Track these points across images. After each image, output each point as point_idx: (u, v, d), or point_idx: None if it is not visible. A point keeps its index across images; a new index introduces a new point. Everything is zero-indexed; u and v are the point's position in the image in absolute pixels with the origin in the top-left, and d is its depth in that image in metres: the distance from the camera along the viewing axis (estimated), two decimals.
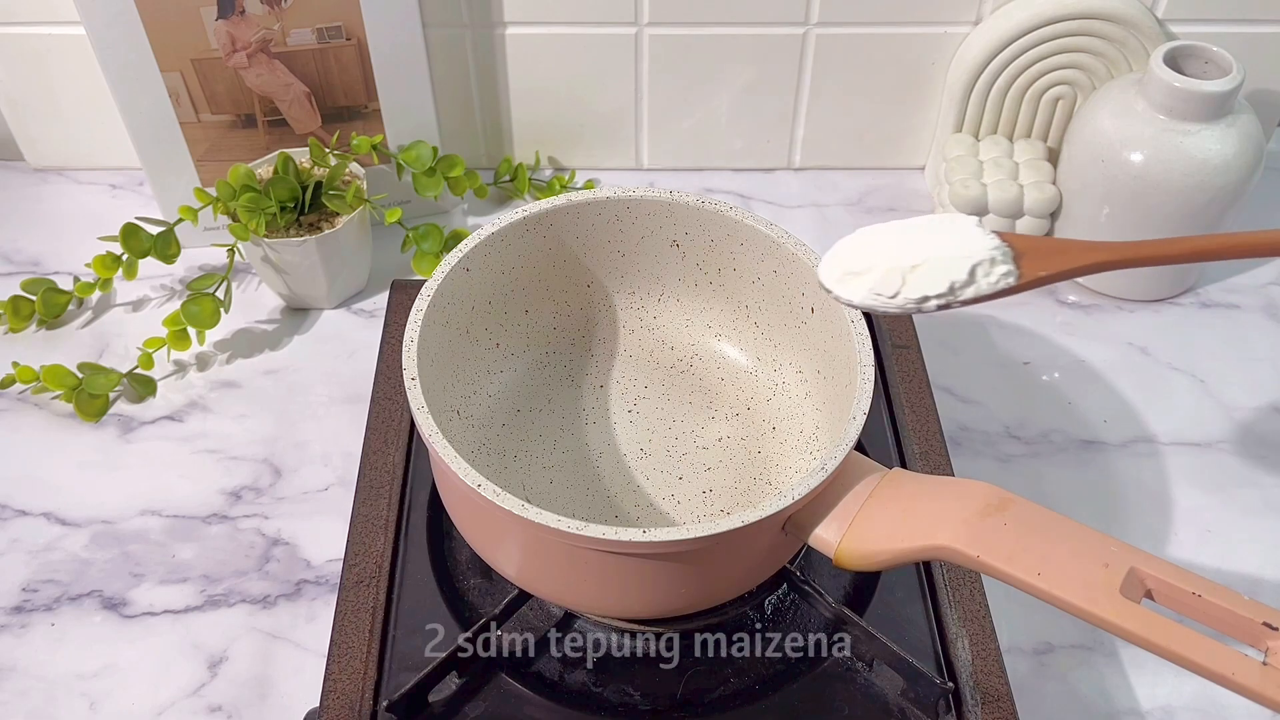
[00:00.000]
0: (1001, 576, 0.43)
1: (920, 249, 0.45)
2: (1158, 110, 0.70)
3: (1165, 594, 0.41)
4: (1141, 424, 0.70)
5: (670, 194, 0.58)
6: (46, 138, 0.85)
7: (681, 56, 0.81)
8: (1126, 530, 0.64)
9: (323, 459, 0.67)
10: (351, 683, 0.52)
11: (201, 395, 0.71)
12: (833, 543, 0.47)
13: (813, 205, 0.86)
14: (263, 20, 0.72)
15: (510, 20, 0.79)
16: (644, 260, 0.62)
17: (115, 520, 0.64)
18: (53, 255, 0.80)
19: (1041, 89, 0.80)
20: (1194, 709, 0.57)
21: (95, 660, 0.58)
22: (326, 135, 0.77)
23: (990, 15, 0.78)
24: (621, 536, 0.44)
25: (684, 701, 0.53)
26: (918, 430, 0.64)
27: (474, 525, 0.53)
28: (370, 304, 0.77)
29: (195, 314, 0.70)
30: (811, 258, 0.55)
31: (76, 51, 0.77)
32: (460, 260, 0.56)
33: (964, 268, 0.44)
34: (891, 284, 0.45)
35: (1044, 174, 0.79)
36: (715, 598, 0.53)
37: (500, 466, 0.60)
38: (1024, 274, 0.45)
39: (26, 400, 0.70)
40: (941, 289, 0.44)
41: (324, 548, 0.63)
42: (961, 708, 0.52)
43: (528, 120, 0.85)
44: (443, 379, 0.57)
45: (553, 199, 0.58)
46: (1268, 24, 0.78)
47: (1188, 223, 0.72)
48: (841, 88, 0.83)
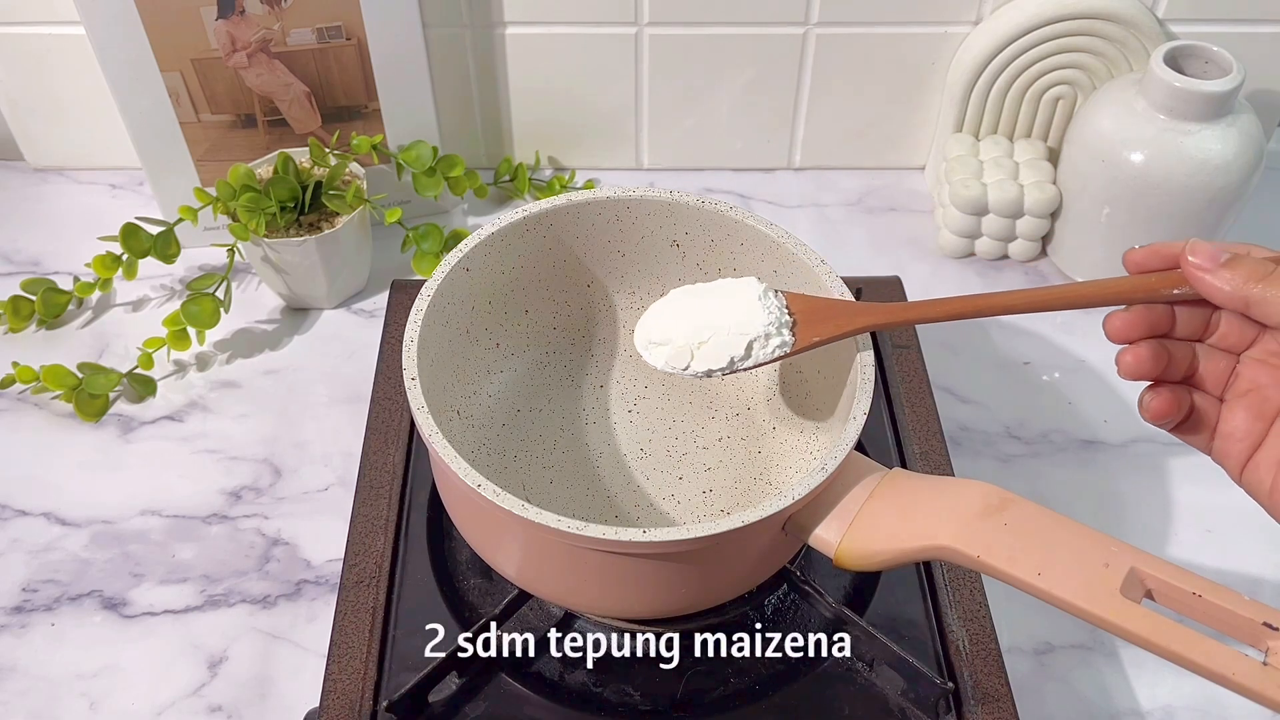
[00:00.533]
0: (1001, 576, 0.43)
1: (708, 323, 0.51)
2: (1158, 110, 0.70)
3: (1165, 594, 0.41)
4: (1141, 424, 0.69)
5: (670, 194, 0.58)
6: (46, 138, 0.85)
7: (681, 56, 0.81)
8: (1126, 530, 0.64)
9: (323, 459, 0.67)
10: (351, 683, 0.52)
11: (201, 395, 0.71)
12: (833, 543, 0.47)
13: (813, 205, 0.86)
14: (263, 20, 0.72)
15: (510, 20, 0.79)
16: (644, 260, 0.62)
17: (115, 520, 0.64)
18: (53, 255, 0.80)
19: (1042, 89, 0.80)
20: (1194, 709, 0.57)
21: (95, 660, 0.58)
22: (326, 135, 0.77)
23: (990, 15, 0.78)
24: (621, 536, 0.44)
25: (684, 701, 0.53)
26: (918, 430, 0.64)
27: (474, 525, 0.53)
28: (370, 304, 0.77)
29: (195, 314, 0.70)
30: (812, 258, 0.55)
31: (76, 51, 0.77)
32: (460, 260, 0.56)
33: (742, 344, 0.50)
34: (682, 359, 0.52)
35: (1044, 174, 0.79)
36: (715, 598, 0.53)
37: (500, 466, 0.60)
38: (799, 341, 0.51)
39: (26, 400, 0.70)
40: (723, 364, 0.51)
41: (324, 548, 0.63)
42: (961, 708, 0.52)
43: (528, 120, 0.85)
44: (443, 379, 0.57)
45: (553, 199, 0.58)
46: (1268, 24, 0.78)
47: (1188, 222, 0.72)
48: (841, 88, 0.83)
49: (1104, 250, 0.77)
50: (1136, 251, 0.45)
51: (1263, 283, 0.41)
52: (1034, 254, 0.81)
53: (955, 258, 0.82)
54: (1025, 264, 0.81)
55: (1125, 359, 0.45)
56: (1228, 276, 0.42)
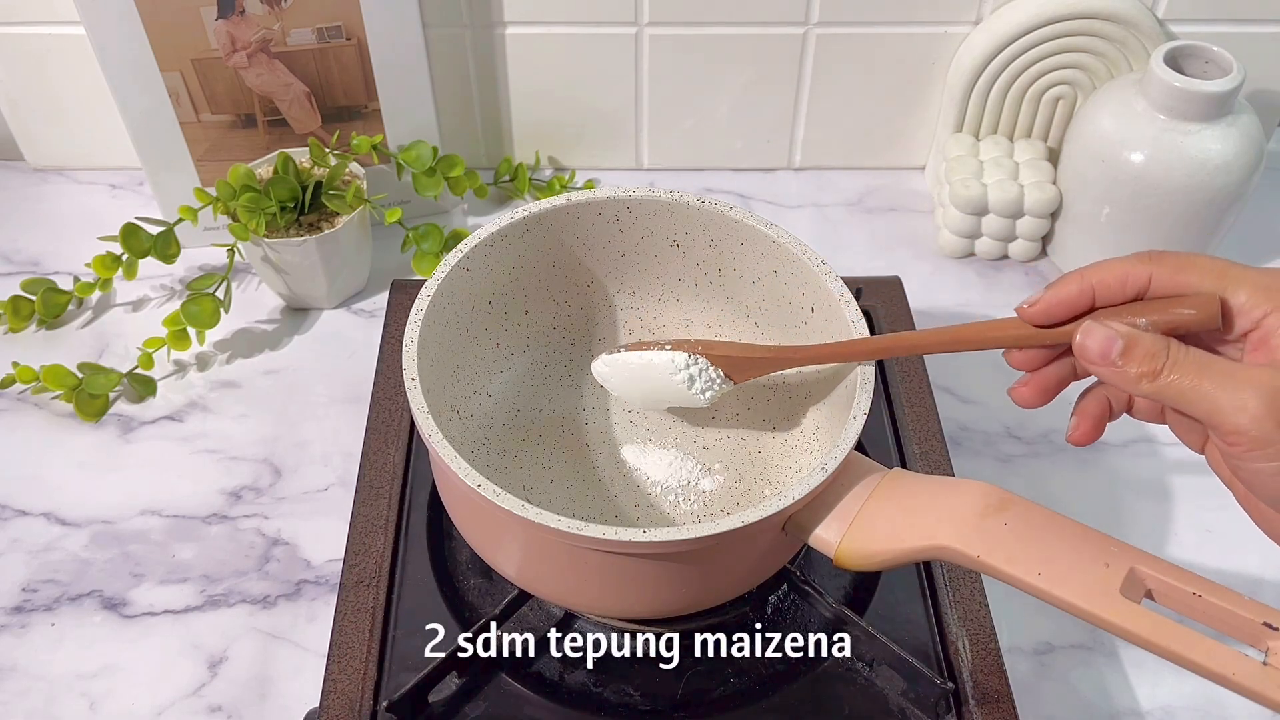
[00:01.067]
0: (1001, 576, 0.43)
1: (642, 385, 0.57)
2: (1158, 110, 0.70)
3: (1165, 594, 0.41)
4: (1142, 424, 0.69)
5: (670, 194, 0.58)
6: (46, 137, 0.85)
7: (681, 56, 0.81)
8: (1126, 530, 0.64)
9: (323, 459, 0.67)
10: (351, 683, 0.52)
11: (201, 395, 0.71)
12: (833, 543, 0.47)
13: (813, 205, 0.86)
14: (263, 20, 0.72)
15: (510, 20, 0.79)
16: (644, 260, 0.62)
17: (115, 520, 0.64)
18: (53, 255, 0.80)
19: (1042, 89, 0.80)
20: (1194, 709, 0.57)
21: (95, 660, 0.58)
22: (326, 135, 0.77)
23: (990, 15, 0.78)
24: (621, 536, 0.44)
25: (684, 701, 0.53)
26: (918, 430, 0.64)
27: (474, 525, 0.53)
28: (370, 304, 0.77)
29: (195, 314, 0.70)
30: (812, 258, 0.55)
31: (76, 51, 0.77)
32: (460, 260, 0.56)
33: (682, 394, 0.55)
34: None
35: (1044, 174, 0.79)
36: (715, 598, 0.53)
37: (500, 466, 0.60)
38: (735, 380, 0.55)
39: (26, 400, 0.70)
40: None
41: (324, 548, 0.63)
42: (961, 708, 0.52)
43: (528, 120, 0.85)
44: (443, 379, 0.57)
45: (553, 199, 0.58)
46: (1268, 24, 0.78)
47: (1188, 222, 0.72)
48: (841, 88, 0.83)
49: (1104, 250, 0.77)
50: (1030, 310, 0.43)
51: (1164, 372, 0.38)
52: (1034, 254, 0.81)
53: (955, 258, 0.82)
54: (1025, 264, 0.81)
55: (1021, 392, 0.45)
56: (1131, 375, 0.39)
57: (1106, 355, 0.40)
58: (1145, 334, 0.40)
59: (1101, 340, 0.40)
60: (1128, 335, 0.39)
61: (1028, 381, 0.46)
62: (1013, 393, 0.46)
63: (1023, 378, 0.46)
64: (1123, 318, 0.41)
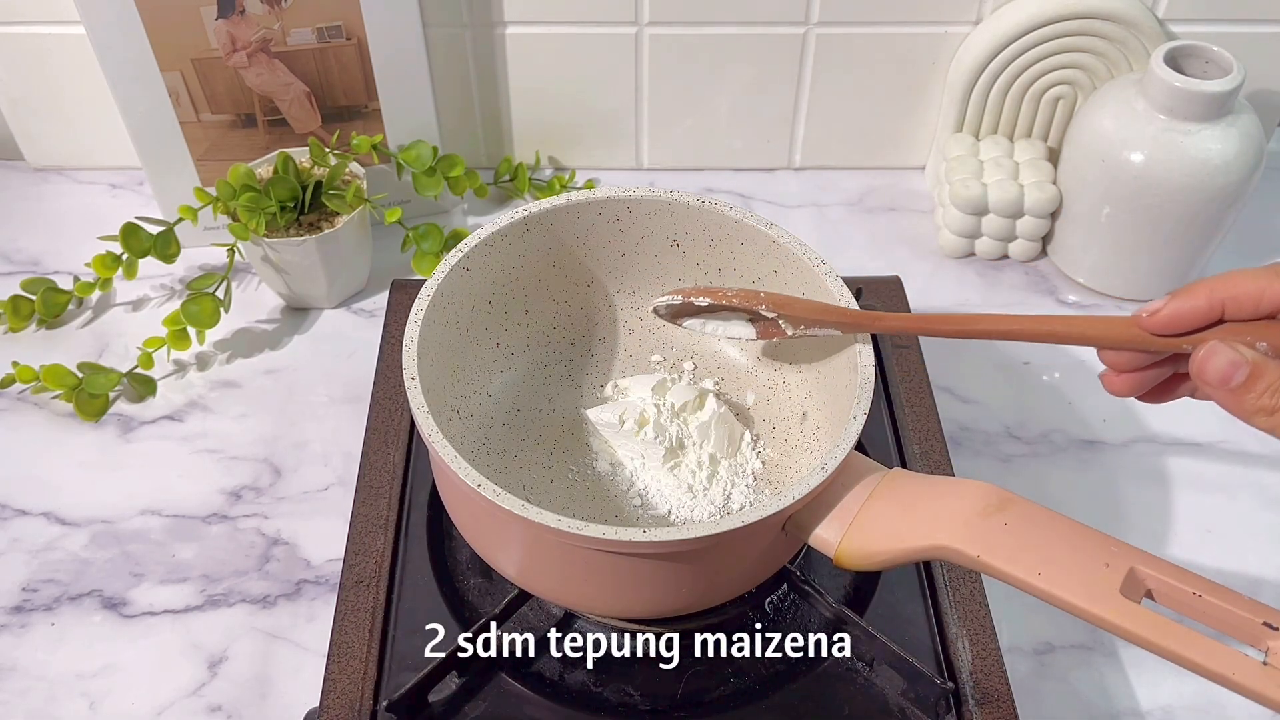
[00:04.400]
0: (1002, 576, 0.43)
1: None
2: (1158, 110, 0.70)
3: (1165, 594, 0.41)
4: (1141, 424, 0.70)
5: (670, 194, 0.58)
6: (46, 137, 0.85)
7: (681, 56, 0.81)
8: (1126, 530, 0.64)
9: (323, 459, 0.67)
10: (351, 683, 0.52)
11: (201, 395, 0.71)
12: (833, 543, 0.47)
13: (813, 205, 0.86)
14: (263, 20, 0.72)
15: (510, 20, 0.79)
16: (644, 260, 0.62)
17: (115, 520, 0.64)
18: (53, 255, 0.80)
19: (1042, 89, 0.80)
20: (1194, 709, 0.57)
21: (95, 660, 0.58)
22: (326, 135, 0.77)
23: (990, 15, 0.78)
24: (621, 536, 0.44)
25: (684, 701, 0.53)
26: (918, 430, 0.64)
27: (474, 525, 0.53)
28: (370, 304, 0.77)
29: (195, 314, 0.70)
30: (812, 257, 0.55)
31: (76, 51, 0.77)
32: (460, 260, 0.56)
33: None
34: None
35: (1044, 174, 0.79)
36: (715, 598, 0.53)
37: (500, 466, 0.60)
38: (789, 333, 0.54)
39: (26, 400, 0.70)
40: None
41: (324, 548, 0.63)
42: (961, 708, 0.52)
43: (528, 120, 0.85)
44: (443, 379, 0.57)
45: (553, 199, 0.58)
46: (1268, 24, 0.78)
47: (1188, 223, 0.72)
48: (841, 88, 0.83)
49: (1104, 250, 0.77)
50: (1151, 319, 0.41)
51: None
52: (1034, 254, 0.81)
53: (955, 258, 0.82)
54: (1025, 264, 0.81)
55: (1114, 382, 0.43)
56: (1249, 406, 0.36)
57: (1227, 381, 0.37)
58: (1274, 364, 0.37)
59: (1225, 365, 0.37)
60: (1255, 363, 0.37)
61: (1121, 375, 0.44)
62: (1105, 379, 0.44)
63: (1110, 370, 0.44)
64: (1243, 337, 0.38)
